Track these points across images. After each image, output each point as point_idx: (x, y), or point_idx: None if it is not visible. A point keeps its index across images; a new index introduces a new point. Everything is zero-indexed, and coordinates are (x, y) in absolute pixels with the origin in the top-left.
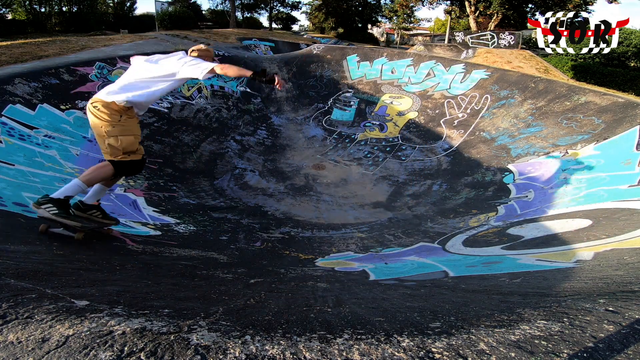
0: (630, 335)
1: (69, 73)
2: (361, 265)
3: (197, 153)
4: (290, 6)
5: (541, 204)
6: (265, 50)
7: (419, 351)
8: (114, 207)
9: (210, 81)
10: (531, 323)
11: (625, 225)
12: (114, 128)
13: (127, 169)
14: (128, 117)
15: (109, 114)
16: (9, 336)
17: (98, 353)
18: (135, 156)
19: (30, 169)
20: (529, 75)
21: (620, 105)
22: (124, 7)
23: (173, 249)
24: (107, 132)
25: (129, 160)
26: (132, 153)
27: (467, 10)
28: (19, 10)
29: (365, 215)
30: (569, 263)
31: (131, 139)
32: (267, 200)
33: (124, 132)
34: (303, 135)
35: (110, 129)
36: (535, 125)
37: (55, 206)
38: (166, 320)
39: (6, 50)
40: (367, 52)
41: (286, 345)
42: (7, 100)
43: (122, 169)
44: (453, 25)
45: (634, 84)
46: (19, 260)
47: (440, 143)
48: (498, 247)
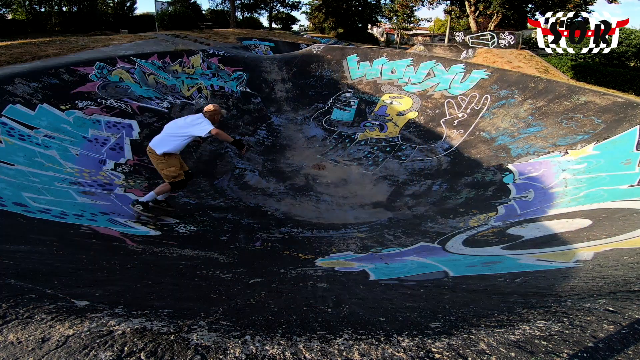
0: (630, 335)
1: (69, 73)
2: (361, 265)
3: (197, 153)
4: (290, 6)
5: (541, 204)
6: (265, 50)
7: (419, 351)
8: (114, 207)
9: (210, 81)
10: (531, 323)
11: (625, 225)
12: (162, 164)
13: (178, 185)
14: (169, 157)
15: (156, 157)
16: (9, 336)
17: (98, 353)
18: (180, 177)
19: (30, 169)
20: (529, 75)
21: (620, 105)
22: (123, 7)
23: (173, 249)
24: (159, 167)
25: (177, 181)
26: (178, 176)
27: (467, 10)
28: (19, 10)
29: (365, 215)
30: (569, 263)
31: (173, 169)
32: (267, 200)
33: (168, 166)
34: (303, 135)
35: (160, 165)
36: (535, 125)
37: (142, 206)
38: (166, 320)
39: (6, 50)
40: (367, 52)
41: (286, 345)
42: (7, 100)
43: (174, 186)
44: (453, 25)
45: (634, 84)
46: (19, 260)
47: (440, 143)
48: (498, 247)
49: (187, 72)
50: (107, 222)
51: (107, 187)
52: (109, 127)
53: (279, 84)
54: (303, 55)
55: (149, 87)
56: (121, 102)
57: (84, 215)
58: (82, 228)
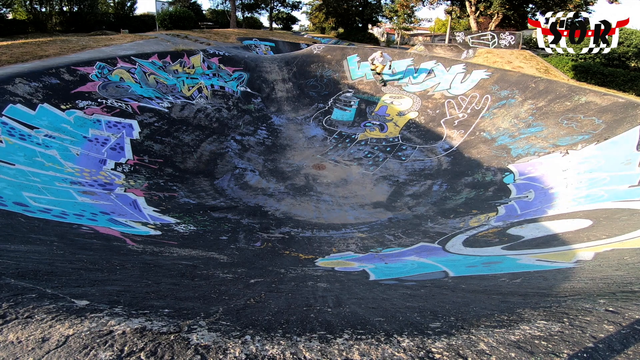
0: (630, 335)
1: (70, 73)
2: (361, 265)
3: (197, 153)
4: (290, 6)
5: (541, 204)
6: (265, 50)
7: (419, 351)
8: (114, 207)
9: (210, 81)
10: (531, 323)
11: (626, 226)
12: None
13: None
14: None
15: None
16: (9, 336)
17: (98, 353)
18: None
19: (30, 168)
20: (530, 76)
21: (620, 105)
22: (124, 7)
23: (173, 249)
24: None
25: None
26: None
27: (468, 11)
28: (19, 10)
29: (365, 215)
30: (569, 263)
31: None
32: (267, 200)
33: None
34: (303, 135)
35: None
36: (535, 126)
37: None
38: (166, 320)
39: (7, 50)
40: (367, 52)
41: (286, 345)
42: (8, 100)
43: None
44: (453, 26)
45: (634, 84)
46: (19, 260)
47: (440, 143)
48: (498, 247)
49: (187, 72)
50: (108, 221)
51: (108, 187)
52: (110, 126)
53: (280, 84)
54: (303, 55)
55: (149, 86)
56: (121, 101)
57: (84, 215)
58: (83, 228)
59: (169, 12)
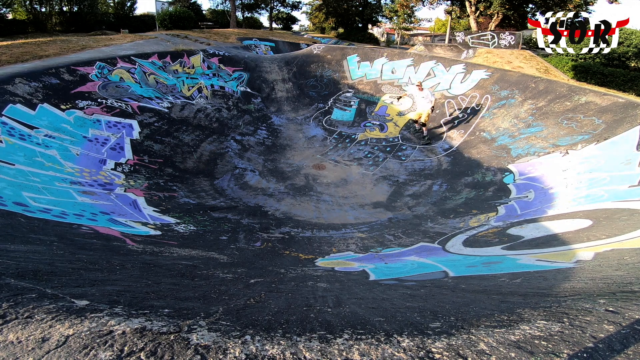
0: (630, 336)
1: (70, 73)
2: (361, 265)
3: (197, 153)
4: (290, 6)
5: (541, 204)
6: (265, 50)
7: (419, 351)
8: (114, 207)
9: (210, 81)
10: (531, 323)
11: (626, 226)
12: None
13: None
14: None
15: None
16: (9, 336)
17: (98, 353)
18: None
19: (30, 168)
20: (529, 76)
21: (620, 105)
22: (124, 7)
23: (173, 249)
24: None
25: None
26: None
27: (468, 11)
28: (19, 10)
29: (365, 215)
30: (569, 263)
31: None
32: (267, 200)
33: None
34: (303, 135)
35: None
36: (535, 126)
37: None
38: (166, 320)
39: (7, 50)
40: (367, 52)
41: (286, 345)
42: (8, 100)
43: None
44: (453, 26)
45: (634, 84)
46: (19, 260)
47: (440, 143)
48: (498, 247)
49: (187, 72)
50: (108, 221)
51: (108, 187)
52: (109, 126)
53: (279, 84)
54: (303, 55)
55: (149, 86)
56: (121, 101)
57: (84, 215)
58: (83, 228)
59: (169, 12)
